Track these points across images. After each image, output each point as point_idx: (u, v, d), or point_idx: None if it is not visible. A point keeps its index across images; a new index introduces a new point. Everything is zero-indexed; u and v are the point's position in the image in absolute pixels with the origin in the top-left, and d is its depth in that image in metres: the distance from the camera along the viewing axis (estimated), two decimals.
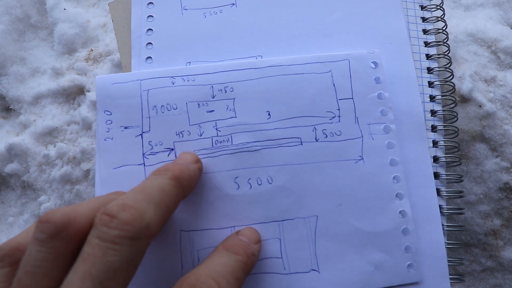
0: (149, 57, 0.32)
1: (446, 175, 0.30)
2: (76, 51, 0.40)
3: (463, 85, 0.34)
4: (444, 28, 0.33)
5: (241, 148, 0.29)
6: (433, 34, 0.33)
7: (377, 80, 0.30)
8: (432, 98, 0.31)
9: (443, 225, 0.29)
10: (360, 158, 0.29)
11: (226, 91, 0.30)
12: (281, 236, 0.28)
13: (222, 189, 0.28)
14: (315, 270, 0.28)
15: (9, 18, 0.41)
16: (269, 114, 0.29)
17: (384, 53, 0.31)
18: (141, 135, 0.29)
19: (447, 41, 0.32)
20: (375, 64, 0.31)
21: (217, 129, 0.29)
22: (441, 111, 0.31)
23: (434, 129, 0.31)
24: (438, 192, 0.29)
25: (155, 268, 0.27)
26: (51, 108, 0.39)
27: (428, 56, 0.32)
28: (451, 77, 0.32)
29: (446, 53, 0.32)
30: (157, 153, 0.29)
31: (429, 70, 0.32)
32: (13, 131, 0.40)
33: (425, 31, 0.33)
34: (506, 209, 0.35)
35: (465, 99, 0.35)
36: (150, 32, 0.33)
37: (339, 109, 0.30)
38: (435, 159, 0.30)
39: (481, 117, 0.34)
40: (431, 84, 0.32)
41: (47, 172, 0.38)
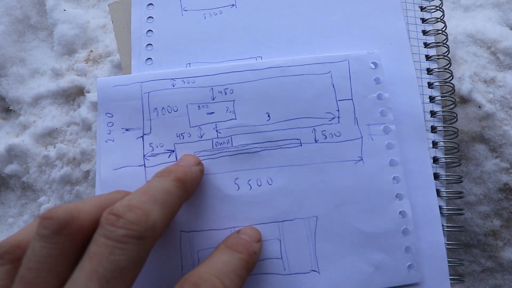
0: (149, 58, 0.32)
1: (446, 175, 0.30)
2: (76, 52, 0.40)
3: (463, 86, 0.34)
4: (443, 29, 0.33)
5: (241, 149, 0.29)
6: (432, 35, 0.33)
7: (377, 80, 0.30)
8: (431, 99, 0.31)
9: (443, 225, 0.29)
10: (359, 158, 0.29)
11: (226, 93, 0.30)
12: (281, 236, 0.28)
13: (222, 190, 0.28)
14: (315, 270, 0.28)
15: (9, 19, 0.41)
16: (269, 115, 0.30)
17: (384, 54, 0.31)
18: (142, 137, 0.29)
19: (446, 42, 0.32)
20: (375, 64, 0.31)
21: (217, 131, 0.29)
22: (441, 112, 0.31)
23: (433, 129, 0.31)
24: (438, 192, 0.29)
25: (155, 269, 0.27)
26: (51, 109, 0.39)
27: (427, 57, 0.32)
28: (451, 78, 0.32)
29: (445, 54, 0.32)
30: (157, 154, 0.29)
31: (429, 71, 0.32)
32: (13, 132, 0.40)
33: (424, 32, 0.33)
34: (505, 210, 0.35)
35: (465, 100, 0.35)
36: (150, 33, 0.33)
37: (338, 110, 0.30)
38: (435, 160, 0.30)
39: (480, 118, 0.34)
40: (430, 85, 0.32)
41: (47, 173, 0.38)
